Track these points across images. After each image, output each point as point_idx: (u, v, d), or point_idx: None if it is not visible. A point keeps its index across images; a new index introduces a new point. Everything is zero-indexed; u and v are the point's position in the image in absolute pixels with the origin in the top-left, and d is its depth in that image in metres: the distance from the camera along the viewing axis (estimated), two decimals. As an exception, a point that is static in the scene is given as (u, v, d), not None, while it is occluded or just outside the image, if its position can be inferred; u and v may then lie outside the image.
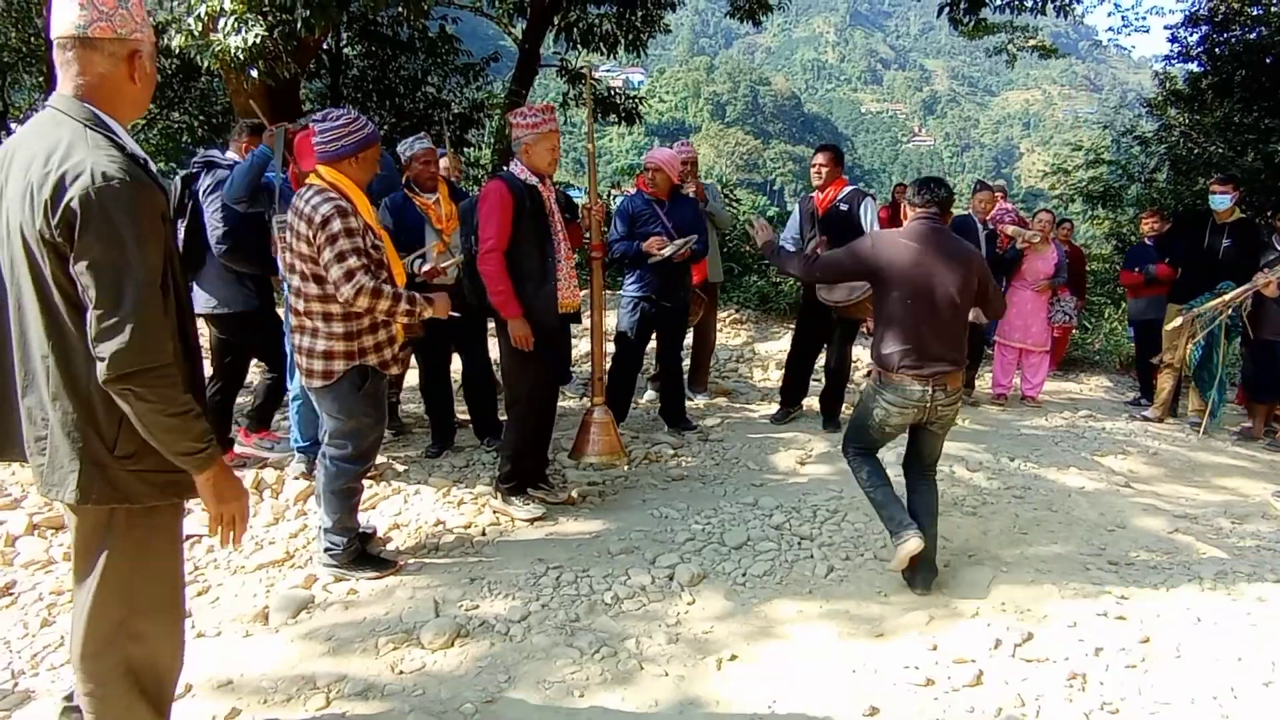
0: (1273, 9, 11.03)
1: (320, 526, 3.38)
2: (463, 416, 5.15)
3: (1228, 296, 5.74)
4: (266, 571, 3.42)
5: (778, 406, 5.76)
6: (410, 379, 5.55)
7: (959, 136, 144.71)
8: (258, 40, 5.78)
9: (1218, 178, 6.32)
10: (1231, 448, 5.87)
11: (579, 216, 4.86)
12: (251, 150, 4.10)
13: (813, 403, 5.82)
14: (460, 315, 3.54)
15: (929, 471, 3.50)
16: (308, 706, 2.55)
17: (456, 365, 5.01)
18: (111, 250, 1.64)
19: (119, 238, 1.65)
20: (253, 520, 3.91)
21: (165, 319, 1.75)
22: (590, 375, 4.54)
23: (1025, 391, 6.77)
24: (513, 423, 3.96)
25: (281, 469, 4.39)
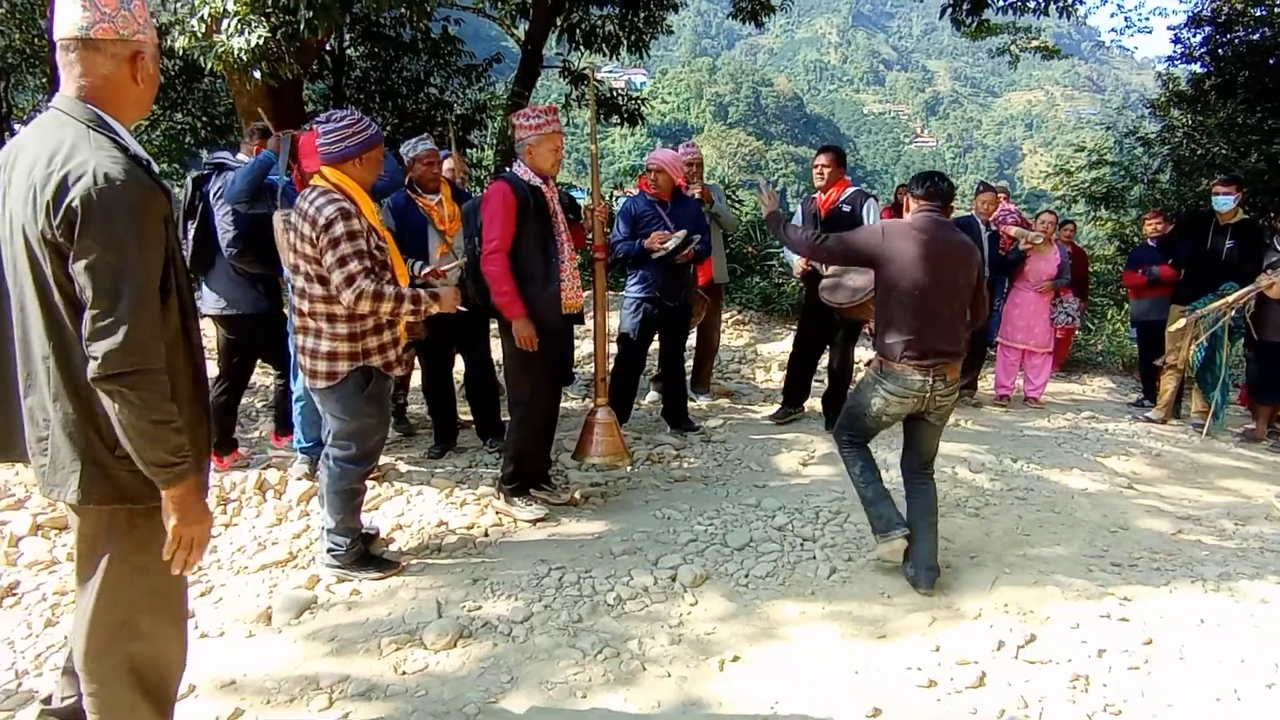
0: (1276, 10, 11.03)
1: (323, 527, 3.39)
2: (465, 417, 5.15)
3: (1231, 298, 5.74)
4: (269, 572, 3.42)
5: (779, 406, 5.76)
6: (413, 380, 5.55)
7: (961, 137, 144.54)
8: (261, 41, 5.79)
9: (1221, 179, 6.33)
10: (1235, 449, 5.86)
11: (582, 217, 4.86)
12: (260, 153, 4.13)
13: (814, 404, 5.82)
14: (467, 310, 3.54)
15: (927, 469, 3.50)
16: (311, 707, 2.55)
17: (459, 366, 5.02)
18: (111, 251, 1.65)
19: (119, 239, 1.65)
20: (255, 520, 3.92)
21: (162, 322, 1.75)
22: (593, 376, 4.54)
23: (1028, 393, 6.76)
24: (515, 424, 3.97)
25: (284, 469, 4.40)
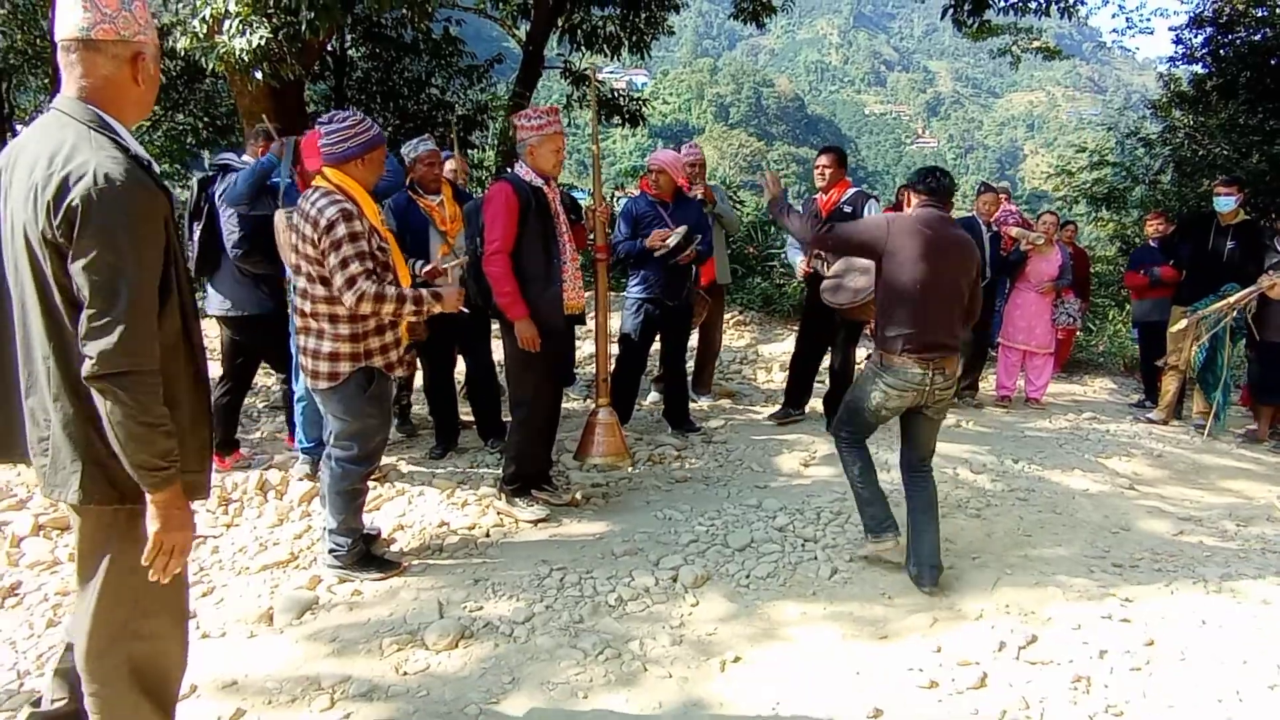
0: (1278, 10, 11.02)
1: (325, 527, 3.39)
2: (466, 418, 5.16)
3: (1232, 298, 5.73)
4: (271, 572, 3.43)
5: (780, 406, 5.76)
6: (415, 381, 5.55)
7: (963, 138, 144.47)
8: (262, 42, 5.79)
9: (1222, 179, 6.32)
10: (1236, 450, 5.86)
11: (583, 218, 4.86)
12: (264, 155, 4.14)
13: (815, 404, 5.81)
14: (469, 311, 3.54)
15: (925, 464, 3.51)
16: (312, 707, 2.56)
17: (460, 367, 5.02)
18: (109, 251, 1.65)
19: (117, 239, 1.65)
20: (257, 521, 3.93)
21: (163, 323, 1.75)
22: (594, 377, 4.54)
23: (1029, 394, 6.76)
24: (516, 424, 3.97)
25: (286, 470, 4.40)
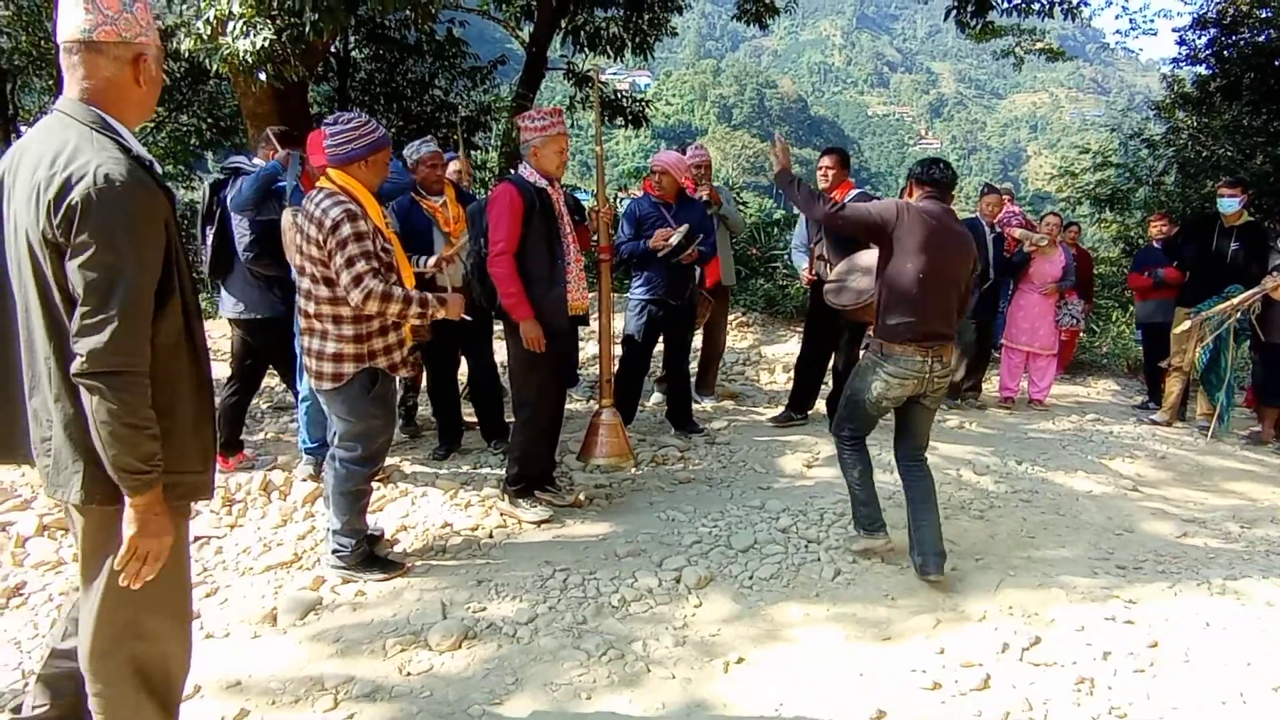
0: (1281, 11, 11.00)
1: (328, 528, 3.39)
2: (470, 419, 5.16)
3: (1236, 300, 5.73)
4: (274, 573, 3.43)
5: (783, 409, 5.76)
6: (420, 382, 5.55)
7: (966, 139, 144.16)
8: (266, 43, 5.80)
9: (1226, 181, 6.32)
10: (1240, 451, 5.85)
11: (587, 219, 4.86)
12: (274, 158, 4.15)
13: (818, 405, 5.81)
14: (471, 319, 3.55)
15: (920, 454, 3.53)
16: (316, 708, 2.56)
17: (463, 368, 5.02)
18: (108, 252, 1.65)
19: (116, 239, 1.66)
20: (261, 522, 3.93)
21: (164, 323, 1.75)
22: (598, 377, 4.54)
23: (1032, 395, 6.75)
24: (520, 425, 3.97)
25: (289, 471, 4.41)
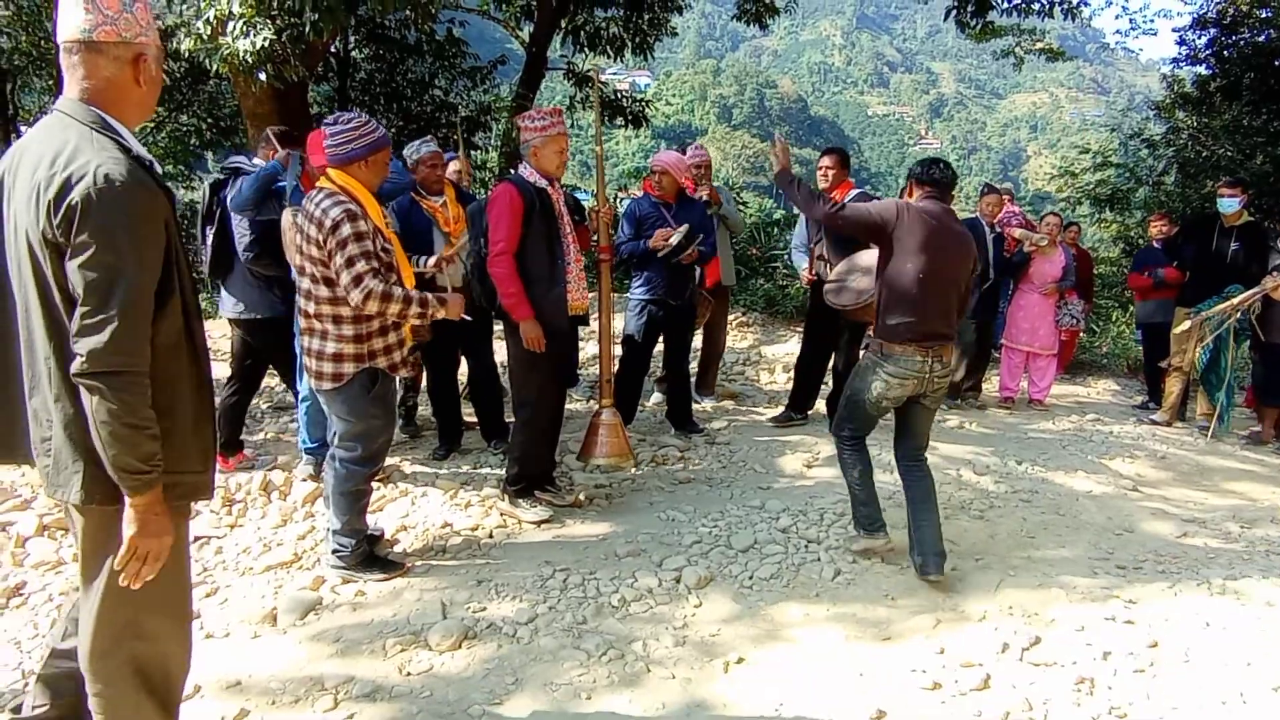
0: (1281, 11, 11.00)
1: (328, 528, 3.39)
2: (470, 419, 5.16)
3: (1236, 300, 5.73)
4: (274, 573, 3.43)
5: (783, 409, 5.76)
6: (420, 382, 5.56)
7: (966, 139, 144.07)
8: (266, 43, 5.80)
9: (1226, 181, 6.32)
10: (1240, 451, 5.85)
11: (587, 219, 4.86)
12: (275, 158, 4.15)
13: (818, 405, 5.81)
14: (471, 319, 3.54)
15: (920, 454, 3.53)
16: (316, 708, 2.56)
17: (463, 368, 5.02)
18: (107, 252, 1.65)
19: (116, 239, 1.66)
20: (261, 522, 3.93)
21: (164, 323, 1.75)
22: (598, 377, 4.54)
23: (1032, 395, 6.75)
24: (520, 425, 3.97)
25: (289, 471, 4.41)
